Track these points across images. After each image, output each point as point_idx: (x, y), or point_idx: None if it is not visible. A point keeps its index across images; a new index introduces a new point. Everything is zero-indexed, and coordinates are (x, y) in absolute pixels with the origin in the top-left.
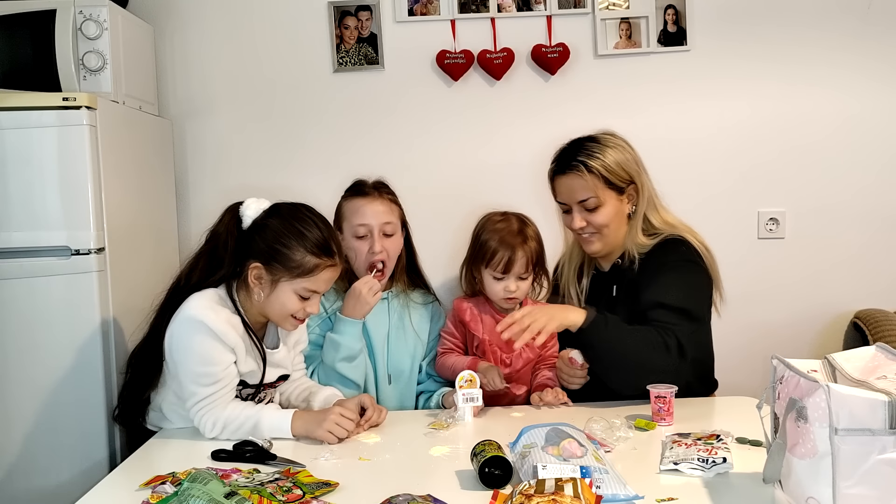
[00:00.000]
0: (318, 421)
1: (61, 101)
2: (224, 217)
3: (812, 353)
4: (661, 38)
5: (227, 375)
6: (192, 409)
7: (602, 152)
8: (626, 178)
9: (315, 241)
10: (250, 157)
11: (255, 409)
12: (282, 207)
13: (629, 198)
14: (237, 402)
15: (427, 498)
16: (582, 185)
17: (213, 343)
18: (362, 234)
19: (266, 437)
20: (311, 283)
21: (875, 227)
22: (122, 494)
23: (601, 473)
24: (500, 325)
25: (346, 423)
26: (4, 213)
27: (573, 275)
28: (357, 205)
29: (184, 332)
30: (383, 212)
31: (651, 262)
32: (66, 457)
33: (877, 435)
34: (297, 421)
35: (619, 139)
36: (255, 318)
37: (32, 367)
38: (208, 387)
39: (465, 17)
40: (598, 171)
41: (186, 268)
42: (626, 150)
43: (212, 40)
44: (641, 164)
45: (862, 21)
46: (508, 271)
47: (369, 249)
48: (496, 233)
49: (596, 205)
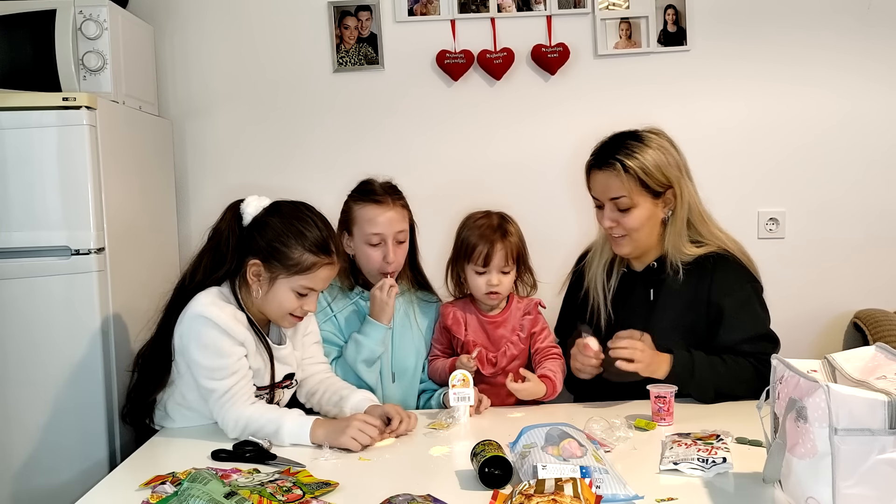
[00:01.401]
0: (340, 429)
1: (61, 101)
2: (225, 214)
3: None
4: (661, 38)
5: (241, 367)
6: (214, 406)
7: (642, 152)
8: (664, 183)
9: (313, 240)
10: (250, 156)
11: (278, 413)
12: (282, 206)
13: (666, 202)
14: (261, 403)
15: (427, 498)
16: (617, 184)
17: (221, 336)
18: (376, 242)
19: (285, 444)
20: (308, 280)
21: (875, 227)
22: (122, 494)
23: (601, 473)
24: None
25: (371, 430)
26: (4, 213)
27: (602, 270)
28: (371, 213)
29: (192, 330)
30: (397, 220)
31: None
32: (66, 457)
33: (876, 435)
34: (318, 429)
35: (664, 139)
36: (258, 315)
37: (32, 367)
38: (224, 380)
39: (465, 17)
40: (635, 171)
41: (190, 266)
42: (670, 152)
43: (212, 40)
44: (684, 168)
45: (861, 21)
46: (488, 264)
47: (384, 258)
48: (476, 228)
49: (628, 205)
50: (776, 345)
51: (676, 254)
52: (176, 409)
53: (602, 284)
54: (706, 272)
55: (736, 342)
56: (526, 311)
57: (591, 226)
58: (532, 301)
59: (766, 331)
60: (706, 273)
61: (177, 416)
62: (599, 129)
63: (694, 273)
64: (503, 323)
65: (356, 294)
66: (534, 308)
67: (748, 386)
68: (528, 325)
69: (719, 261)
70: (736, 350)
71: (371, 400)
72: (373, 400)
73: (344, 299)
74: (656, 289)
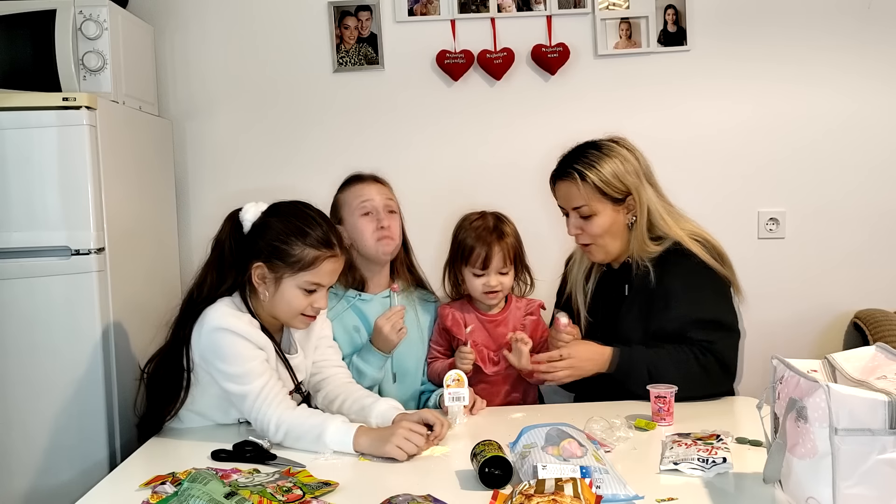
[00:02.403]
0: (384, 438)
1: (61, 101)
2: (225, 225)
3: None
4: (661, 38)
5: (267, 369)
6: (251, 411)
7: (599, 162)
8: (623, 190)
9: (313, 235)
10: (250, 156)
11: (321, 418)
12: (280, 206)
13: (629, 208)
14: (304, 407)
15: (427, 498)
16: (576, 193)
17: (241, 342)
18: (367, 210)
19: (328, 451)
20: (313, 276)
21: (875, 227)
22: (122, 494)
23: (601, 473)
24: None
25: (417, 438)
26: (4, 213)
27: (582, 276)
28: (357, 188)
29: (212, 342)
30: (384, 192)
31: (663, 277)
32: (66, 457)
33: (877, 435)
34: (363, 437)
35: (623, 148)
36: (271, 323)
37: (32, 367)
38: (253, 383)
39: (465, 17)
40: (593, 181)
41: (196, 281)
42: (629, 160)
43: (212, 40)
44: (643, 174)
45: (862, 21)
46: (487, 267)
47: (377, 226)
48: (473, 230)
49: (589, 213)
50: (730, 333)
51: (641, 254)
52: (186, 413)
53: (581, 289)
54: (670, 263)
55: (680, 326)
56: (528, 312)
57: None
58: (534, 302)
59: (714, 317)
60: (669, 264)
61: (186, 420)
62: (599, 129)
63: (661, 267)
64: (503, 321)
65: (352, 297)
66: (536, 309)
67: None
68: (530, 325)
69: (677, 252)
70: (683, 335)
71: (398, 408)
72: (399, 408)
73: (338, 301)
74: (630, 284)
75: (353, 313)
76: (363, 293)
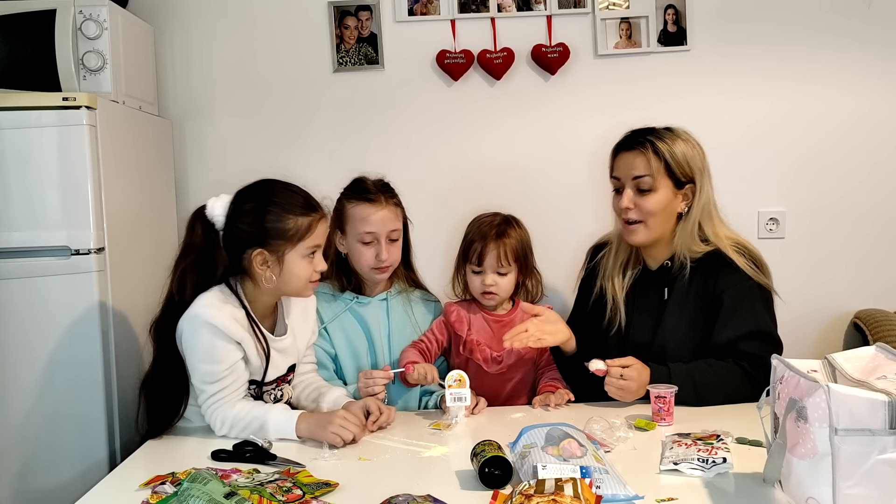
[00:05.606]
0: (322, 423)
1: (61, 101)
2: (195, 228)
3: (812, 353)
4: (661, 37)
5: (233, 373)
6: (203, 406)
7: (673, 140)
8: (688, 174)
9: (298, 204)
10: (250, 156)
11: (263, 409)
12: (249, 190)
13: (685, 196)
14: (246, 400)
15: (427, 498)
16: (643, 162)
17: (217, 341)
18: (368, 240)
19: (271, 438)
20: (311, 240)
21: (875, 227)
22: (122, 494)
23: (601, 473)
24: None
25: (352, 426)
26: (4, 213)
27: (618, 270)
28: (364, 212)
29: (189, 331)
30: (390, 219)
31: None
32: (66, 457)
33: (877, 435)
34: (303, 423)
35: (693, 138)
36: (261, 310)
37: (32, 367)
38: (214, 384)
39: (465, 16)
40: (664, 154)
41: (175, 285)
42: (697, 148)
43: (212, 40)
44: (707, 169)
45: (862, 21)
46: (482, 263)
47: (376, 257)
48: (478, 227)
49: (650, 186)
50: (777, 347)
51: (685, 250)
52: (192, 409)
53: (619, 282)
54: (713, 269)
55: (732, 339)
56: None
57: (592, 226)
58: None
59: (764, 329)
60: (713, 270)
61: (194, 417)
62: (600, 129)
63: (702, 270)
64: (509, 323)
65: (349, 298)
66: None
67: (736, 391)
68: None
69: (724, 258)
70: (733, 348)
71: (348, 396)
72: (349, 396)
73: (335, 304)
74: (670, 287)
75: (351, 316)
76: (360, 296)
